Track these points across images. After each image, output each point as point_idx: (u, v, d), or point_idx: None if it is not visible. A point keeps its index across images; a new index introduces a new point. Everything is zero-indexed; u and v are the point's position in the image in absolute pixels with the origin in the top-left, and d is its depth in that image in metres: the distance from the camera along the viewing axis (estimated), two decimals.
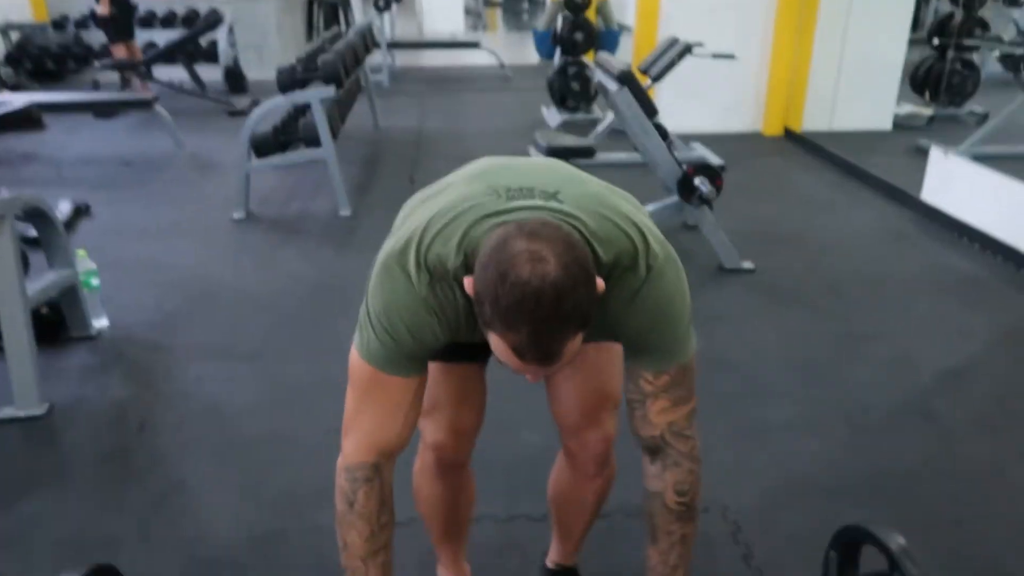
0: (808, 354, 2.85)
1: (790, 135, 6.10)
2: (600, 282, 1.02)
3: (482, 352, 1.38)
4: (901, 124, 6.20)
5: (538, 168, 1.23)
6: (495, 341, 1.02)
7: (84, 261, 2.95)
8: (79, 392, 2.59)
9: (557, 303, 0.96)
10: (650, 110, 3.33)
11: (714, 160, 4.06)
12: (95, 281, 2.97)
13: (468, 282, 1.03)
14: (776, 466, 2.20)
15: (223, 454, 2.26)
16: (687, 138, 5.04)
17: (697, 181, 3.28)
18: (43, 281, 2.63)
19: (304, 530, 1.93)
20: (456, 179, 1.22)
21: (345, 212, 4.32)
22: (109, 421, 2.43)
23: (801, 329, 3.04)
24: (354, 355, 1.19)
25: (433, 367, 1.35)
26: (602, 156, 5.05)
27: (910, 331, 3.01)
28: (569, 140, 3.61)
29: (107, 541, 1.90)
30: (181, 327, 3.04)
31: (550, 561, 1.76)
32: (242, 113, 6.20)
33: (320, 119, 4.11)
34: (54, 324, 2.87)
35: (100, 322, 2.99)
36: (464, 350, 1.33)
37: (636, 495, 1.42)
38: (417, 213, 1.18)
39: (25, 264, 2.79)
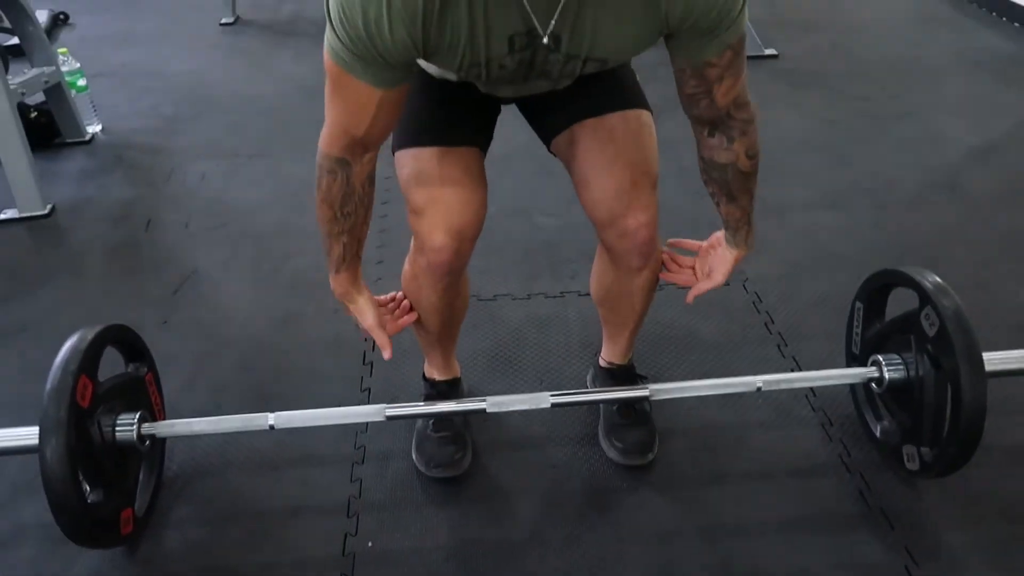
0: (832, 136, 2.73)
1: None
2: None
3: (479, 128, 1.30)
4: None
5: None
6: None
7: (68, 60, 2.79)
8: (80, 193, 2.52)
9: None
10: None
11: None
12: (82, 81, 2.83)
13: None
14: (797, 240, 2.16)
15: (235, 246, 2.22)
16: None
17: None
18: (25, 76, 2.49)
19: (322, 311, 1.92)
20: None
21: None
22: (115, 219, 2.38)
23: (825, 112, 2.90)
24: (324, 45, 1.03)
25: (427, 155, 1.24)
26: None
27: (940, 111, 2.87)
28: None
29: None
30: (179, 130, 2.93)
31: (603, 360, 1.61)
32: None
33: None
34: (46, 128, 2.76)
35: (94, 126, 2.88)
36: (459, 128, 1.24)
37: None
38: None
39: (5, 65, 2.64)
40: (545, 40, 1.00)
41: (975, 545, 1.33)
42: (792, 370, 1.71)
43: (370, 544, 1.36)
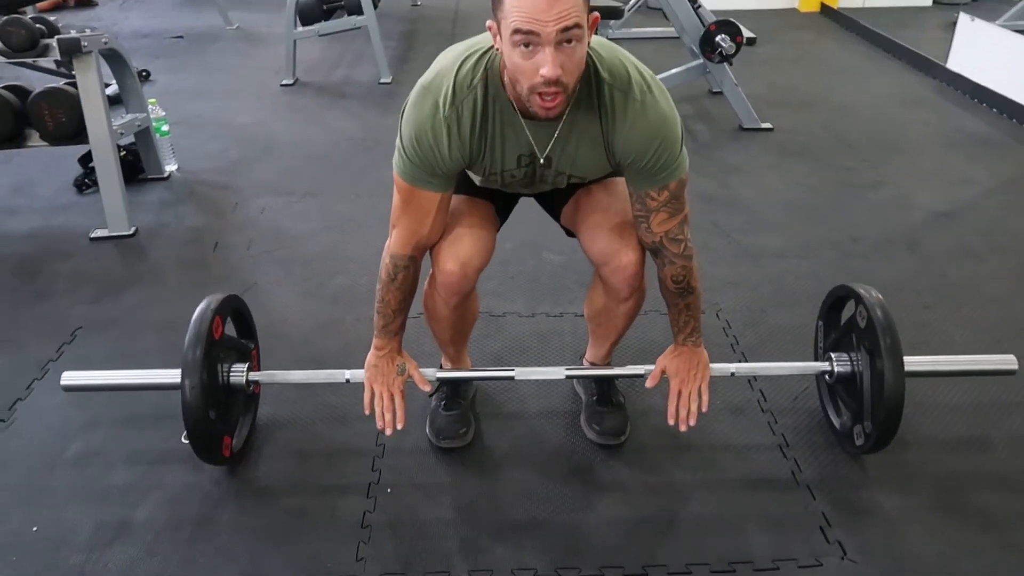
0: (811, 198, 3.09)
1: (826, 10, 6.10)
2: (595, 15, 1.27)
3: (499, 207, 1.70)
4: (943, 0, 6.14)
5: None
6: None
7: (155, 108, 3.27)
8: (159, 220, 2.96)
9: None
10: None
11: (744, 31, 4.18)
12: (165, 127, 3.31)
13: None
14: (767, 281, 2.50)
15: (288, 266, 2.63)
16: (721, 14, 5.11)
17: (719, 37, 3.45)
18: (123, 119, 2.96)
19: (359, 319, 2.30)
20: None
21: (386, 79, 4.56)
22: (187, 241, 2.81)
23: (808, 178, 3.26)
24: (394, 171, 1.49)
25: (459, 201, 1.62)
26: (635, 30, 5.18)
27: (911, 180, 3.22)
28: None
29: None
30: (243, 171, 3.39)
31: (587, 361, 1.95)
32: None
33: None
34: (132, 166, 3.22)
35: (171, 166, 3.34)
36: (483, 194, 1.62)
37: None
38: (449, 52, 1.44)
39: None
40: (541, 160, 1.45)
41: (880, 515, 1.63)
42: (751, 386, 2.03)
43: (389, 490, 1.70)
